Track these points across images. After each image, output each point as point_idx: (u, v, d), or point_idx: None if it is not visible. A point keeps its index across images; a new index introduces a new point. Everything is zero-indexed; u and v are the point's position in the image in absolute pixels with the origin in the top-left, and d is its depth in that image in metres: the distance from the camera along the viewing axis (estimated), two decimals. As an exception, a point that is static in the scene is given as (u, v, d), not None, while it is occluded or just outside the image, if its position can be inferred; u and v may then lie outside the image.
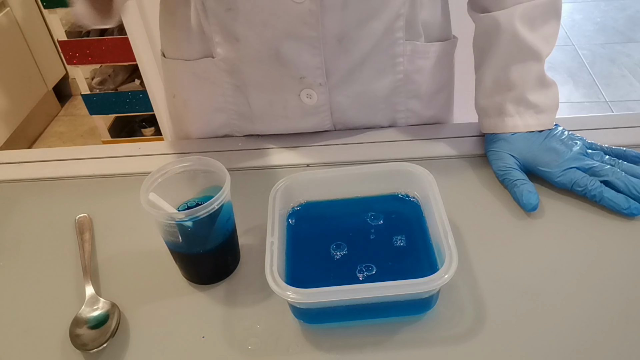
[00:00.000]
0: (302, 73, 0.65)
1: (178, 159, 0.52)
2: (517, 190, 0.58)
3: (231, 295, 0.52)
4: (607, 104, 2.26)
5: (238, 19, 0.61)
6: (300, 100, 0.67)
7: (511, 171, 0.60)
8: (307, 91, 0.66)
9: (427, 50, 0.68)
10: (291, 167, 0.67)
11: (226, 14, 0.61)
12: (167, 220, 0.47)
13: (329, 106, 0.69)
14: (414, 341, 0.47)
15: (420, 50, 0.67)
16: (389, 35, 0.64)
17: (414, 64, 0.68)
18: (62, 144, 2.31)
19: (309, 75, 0.65)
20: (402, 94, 0.70)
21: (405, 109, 0.72)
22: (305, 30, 0.61)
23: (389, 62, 0.67)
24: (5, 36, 2.07)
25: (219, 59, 0.66)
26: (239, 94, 0.69)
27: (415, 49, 0.67)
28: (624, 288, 0.49)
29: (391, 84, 0.68)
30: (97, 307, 0.51)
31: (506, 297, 0.49)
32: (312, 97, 0.67)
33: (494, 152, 0.63)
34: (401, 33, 0.64)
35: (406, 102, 0.71)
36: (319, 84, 0.66)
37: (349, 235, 0.53)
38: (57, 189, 0.68)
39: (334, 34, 0.62)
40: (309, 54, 0.63)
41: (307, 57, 0.63)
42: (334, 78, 0.66)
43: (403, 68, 0.67)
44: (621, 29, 2.77)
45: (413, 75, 0.69)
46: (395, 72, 0.68)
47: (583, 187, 0.57)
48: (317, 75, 0.65)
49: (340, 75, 0.66)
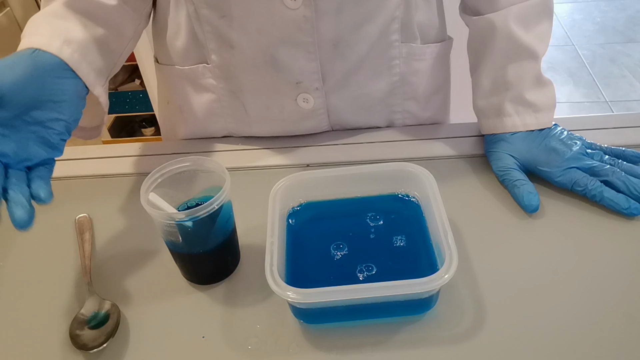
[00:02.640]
0: (298, 78, 0.64)
1: (178, 159, 0.52)
2: (518, 191, 0.58)
3: (231, 295, 0.52)
4: (607, 104, 2.26)
5: (232, 26, 0.61)
6: (297, 104, 0.67)
7: (511, 171, 0.60)
8: (304, 96, 0.66)
9: (423, 52, 0.68)
10: (291, 167, 0.67)
11: (220, 21, 0.61)
12: (167, 220, 0.47)
13: (325, 110, 0.68)
14: (414, 341, 0.47)
15: (416, 53, 0.67)
16: (385, 38, 0.64)
17: (410, 66, 0.68)
18: (62, 144, 2.31)
19: (305, 80, 0.64)
20: (399, 95, 0.70)
21: (402, 110, 0.72)
22: (300, 36, 0.60)
23: (385, 65, 0.67)
24: (5, 36, 2.07)
25: (214, 65, 0.66)
26: (234, 99, 0.68)
27: (411, 51, 0.67)
28: (624, 288, 0.49)
29: (387, 86, 0.68)
30: (97, 307, 0.51)
31: (506, 297, 0.49)
32: (308, 102, 0.67)
33: (494, 153, 0.63)
34: (397, 36, 0.64)
35: (403, 104, 0.71)
36: (315, 88, 0.65)
37: (349, 235, 0.53)
38: (57, 189, 0.67)
39: (330, 39, 0.62)
40: (305, 59, 0.63)
41: (303, 62, 0.63)
42: (330, 82, 0.66)
43: (399, 70, 0.67)
44: (621, 29, 2.77)
45: (409, 77, 0.69)
46: (392, 74, 0.67)
47: (583, 187, 0.57)
48: (314, 80, 0.65)
49: (336, 79, 0.66)
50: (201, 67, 0.67)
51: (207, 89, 0.68)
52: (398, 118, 0.72)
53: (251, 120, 0.70)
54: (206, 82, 0.68)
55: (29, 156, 0.46)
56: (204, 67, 0.66)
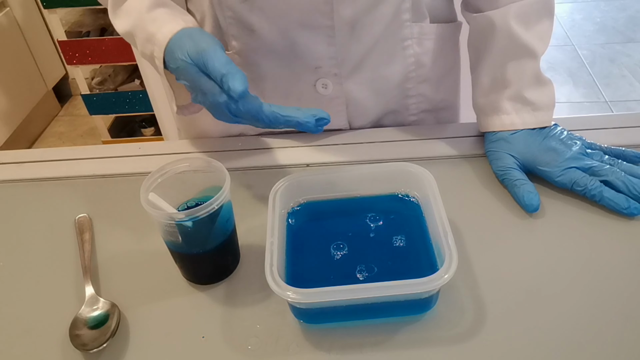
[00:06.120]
0: (317, 63, 0.65)
1: (178, 159, 0.52)
2: (518, 190, 0.58)
3: (231, 295, 0.52)
4: (607, 104, 2.26)
5: (253, 10, 0.62)
6: (316, 90, 0.68)
7: (511, 171, 0.60)
8: (323, 81, 0.67)
9: (433, 31, 0.68)
10: (291, 167, 0.67)
11: (242, 6, 0.62)
12: (167, 220, 0.47)
13: (344, 98, 0.69)
14: (414, 341, 0.47)
15: (427, 32, 0.68)
16: (397, 18, 0.65)
17: (422, 46, 0.68)
18: (62, 144, 2.31)
19: (324, 65, 0.66)
20: (413, 79, 0.71)
21: (417, 94, 0.72)
22: (320, 19, 0.62)
23: (399, 46, 0.67)
24: (5, 36, 2.07)
25: (234, 52, 0.67)
26: (254, 88, 0.69)
27: (422, 30, 0.67)
28: (624, 288, 0.49)
29: (402, 69, 0.69)
30: (97, 307, 0.51)
31: (506, 297, 0.49)
32: (327, 87, 0.68)
33: (494, 152, 0.63)
34: (408, 15, 0.65)
35: (417, 87, 0.72)
36: (334, 74, 0.66)
37: (348, 235, 0.53)
38: (57, 189, 0.68)
39: (347, 22, 0.63)
40: (324, 43, 0.64)
41: (322, 46, 0.64)
42: (346, 66, 0.67)
43: (412, 52, 0.68)
44: (621, 29, 2.77)
45: (422, 58, 0.69)
46: (405, 56, 0.68)
47: (583, 186, 0.57)
48: (332, 65, 0.66)
49: (352, 63, 0.67)
50: None
51: None
52: (412, 103, 0.73)
53: None
54: None
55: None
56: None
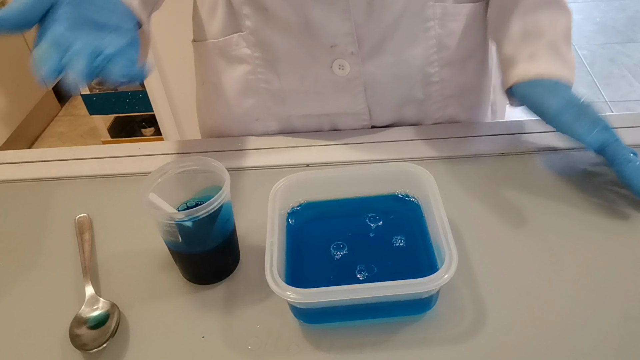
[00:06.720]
0: (332, 41, 0.64)
1: (178, 159, 0.52)
2: (579, 126, 0.55)
3: (231, 295, 0.52)
4: (607, 104, 2.26)
5: None
6: (332, 72, 0.66)
7: (567, 108, 0.56)
8: (339, 61, 0.65)
9: (458, 12, 0.66)
10: (291, 167, 0.67)
11: None
12: (167, 220, 0.47)
13: (362, 80, 0.67)
14: (414, 341, 0.47)
15: (451, 12, 0.66)
16: None
17: (445, 28, 0.66)
18: (62, 144, 2.31)
19: (340, 42, 0.64)
20: (436, 62, 0.68)
21: (440, 80, 0.70)
22: None
23: (421, 27, 0.65)
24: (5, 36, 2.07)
25: (248, 32, 0.66)
26: (269, 70, 0.68)
27: (445, 10, 0.65)
28: (624, 288, 0.50)
29: (424, 52, 0.67)
30: (97, 307, 0.51)
31: (506, 297, 0.49)
32: (344, 68, 0.66)
33: (533, 95, 0.59)
34: None
35: (440, 72, 0.69)
36: (350, 52, 0.65)
37: (348, 235, 0.53)
38: (57, 189, 0.68)
39: None
40: (339, 18, 0.62)
41: (337, 22, 0.62)
42: (365, 46, 0.65)
43: (435, 33, 0.66)
44: (621, 29, 2.77)
45: (445, 39, 0.67)
46: (428, 37, 0.66)
47: (613, 151, 0.55)
48: (349, 43, 0.64)
49: (372, 43, 0.65)
50: (235, 37, 0.67)
51: (242, 60, 0.69)
52: (436, 89, 0.70)
53: (285, 95, 0.70)
54: (241, 53, 0.68)
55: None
56: (239, 36, 0.67)
